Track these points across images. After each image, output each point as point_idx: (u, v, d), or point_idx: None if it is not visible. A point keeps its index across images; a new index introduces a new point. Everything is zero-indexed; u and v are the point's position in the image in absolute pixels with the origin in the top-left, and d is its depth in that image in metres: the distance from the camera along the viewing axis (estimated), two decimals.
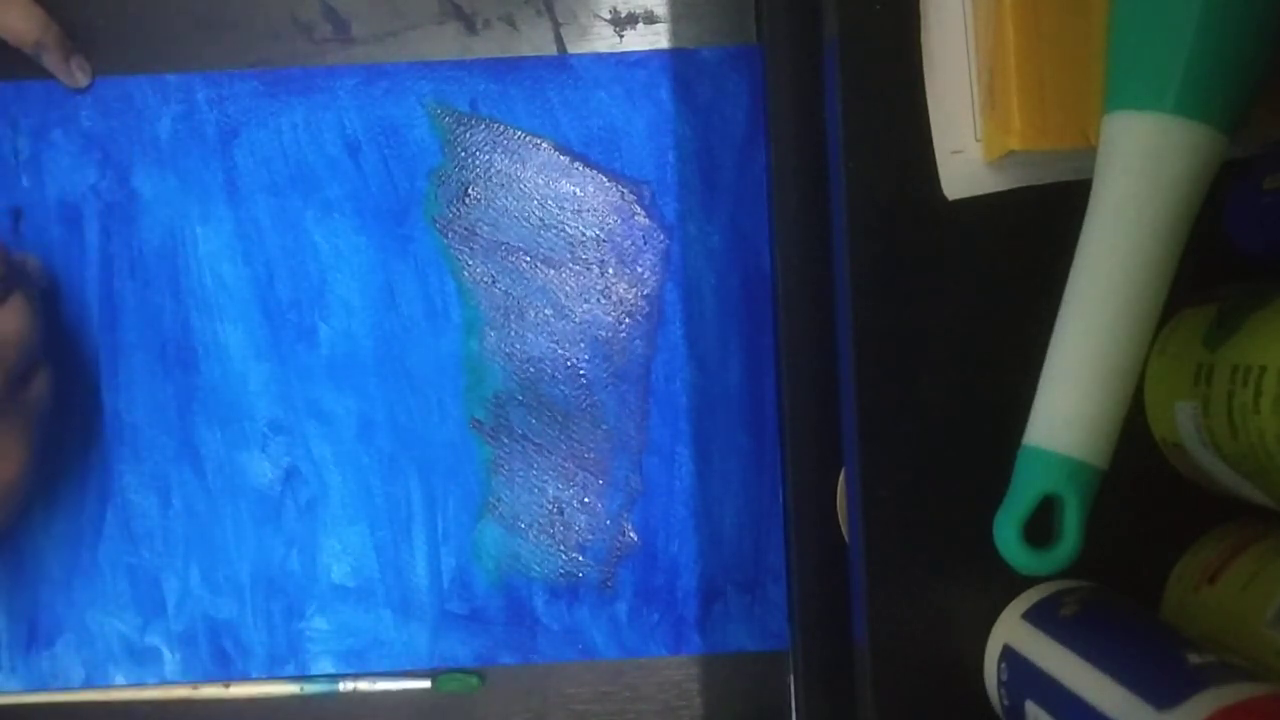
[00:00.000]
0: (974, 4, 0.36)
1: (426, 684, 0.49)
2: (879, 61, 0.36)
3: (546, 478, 0.50)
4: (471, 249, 0.50)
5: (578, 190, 0.50)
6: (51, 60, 0.47)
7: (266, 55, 0.50)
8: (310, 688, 0.49)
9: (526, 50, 0.50)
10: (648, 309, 0.50)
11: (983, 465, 0.34)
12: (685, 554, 0.50)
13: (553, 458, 0.50)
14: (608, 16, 0.50)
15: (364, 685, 0.49)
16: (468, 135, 0.50)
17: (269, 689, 0.49)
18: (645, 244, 0.50)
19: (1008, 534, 0.31)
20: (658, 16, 0.50)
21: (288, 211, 0.50)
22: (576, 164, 0.50)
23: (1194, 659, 0.29)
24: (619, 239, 0.50)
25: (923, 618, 0.36)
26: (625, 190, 0.50)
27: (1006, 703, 0.35)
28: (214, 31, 0.50)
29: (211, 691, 0.49)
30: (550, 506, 0.50)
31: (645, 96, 0.50)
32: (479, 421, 0.50)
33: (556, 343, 0.50)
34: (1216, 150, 0.30)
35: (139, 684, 0.49)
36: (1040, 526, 0.31)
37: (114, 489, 0.49)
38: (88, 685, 0.49)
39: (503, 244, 0.50)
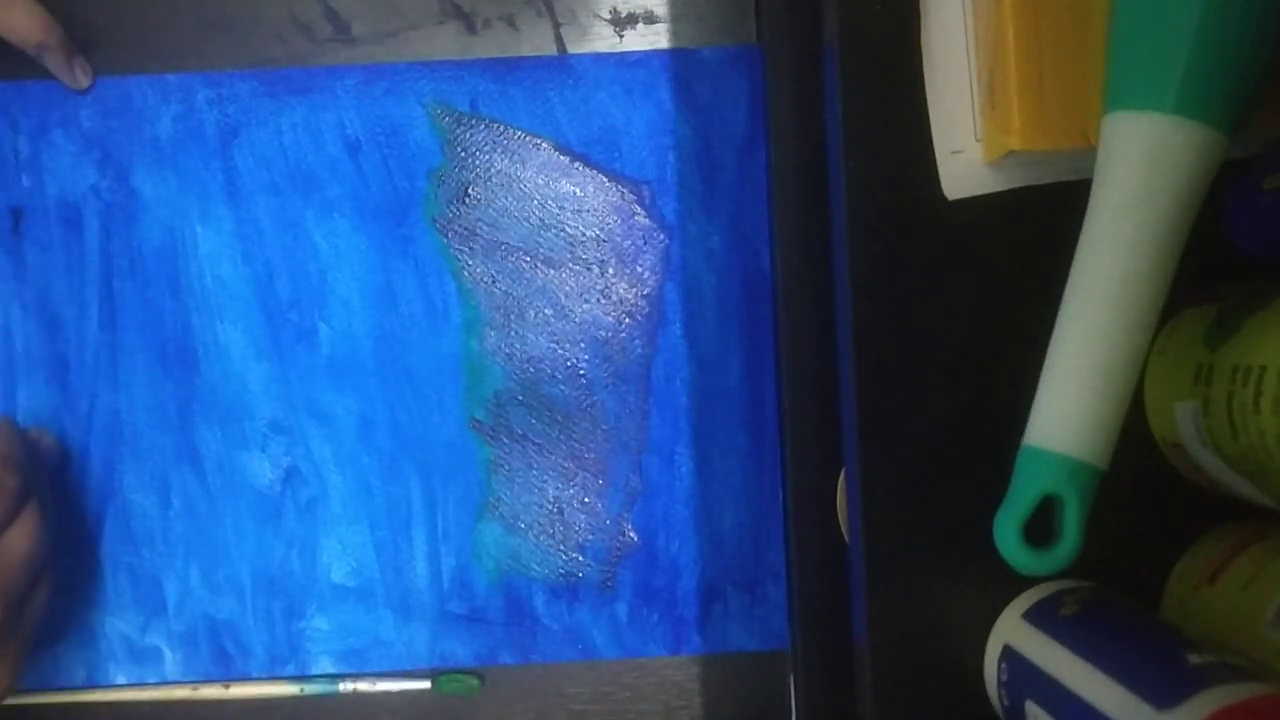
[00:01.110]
0: (974, 4, 0.36)
1: (426, 685, 0.49)
2: (879, 61, 0.36)
3: (546, 478, 0.50)
4: (471, 249, 0.50)
5: (578, 190, 0.50)
6: (53, 61, 0.47)
7: (266, 55, 0.50)
8: (310, 688, 0.49)
9: (526, 50, 0.50)
10: (648, 309, 0.50)
11: (983, 465, 0.34)
12: (685, 554, 0.50)
13: (553, 458, 0.50)
14: (608, 16, 0.50)
15: (364, 686, 0.49)
16: (468, 135, 0.50)
17: (269, 689, 0.49)
18: (645, 244, 0.50)
19: (1008, 534, 0.31)
20: (658, 16, 0.50)
21: (288, 211, 0.50)
22: (576, 164, 0.50)
23: (1194, 659, 0.29)
24: (619, 239, 0.50)
25: (923, 618, 0.36)
26: (625, 190, 0.50)
27: (1006, 703, 0.35)
28: (214, 32, 0.50)
29: (211, 692, 0.49)
30: (550, 506, 0.50)
31: (645, 96, 0.50)
32: (479, 421, 0.50)
33: (556, 343, 0.50)
34: (1216, 150, 0.30)
35: (139, 684, 0.49)
36: (1040, 526, 0.31)
37: (114, 489, 0.49)
38: (88, 685, 0.49)
39: (503, 244, 0.50)
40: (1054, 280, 0.32)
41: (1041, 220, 0.36)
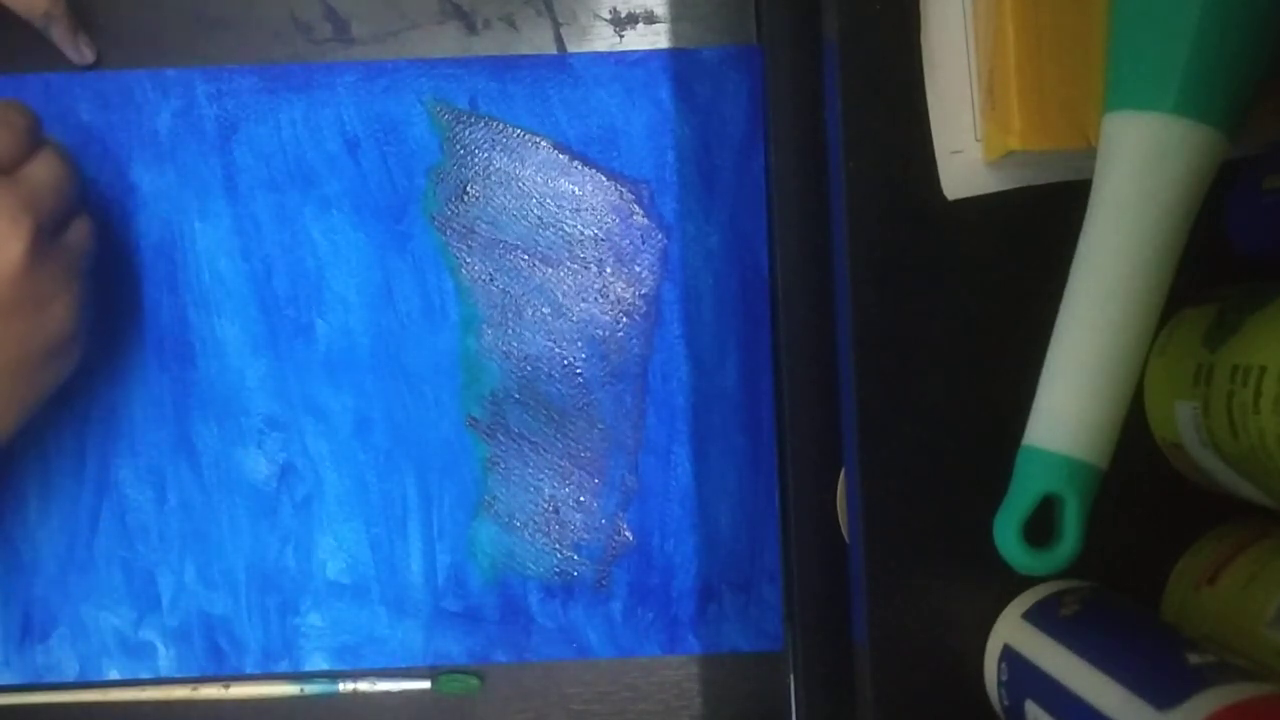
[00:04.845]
0: (974, 4, 0.36)
1: (426, 685, 0.49)
2: (879, 61, 0.36)
3: (542, 476, 0.50)
4: (470, 247, 0.50)
5: (576, 189, 0.50)
6: (59, 32, 0.47)
7: (266, 55, 0.50)
8: (310, 688, 0.49)
9: (526, 50, 0.50)
10: (645, 309, 0.50)
11: (983, 465, 0.34)
12: (680, 554, 0.50)
13: (549, 456, 0.50)
14: (608, 16, 0.50)
15: (364, 686, 0.49)
16: (467, 133, 0.50)
17: (269, 689, 0.49)
18: (643, 243, 0.50)
19: (1008, 534, 0.31)
20: (658, 16, 0.50)
21: (286, 207, 0.49)
22: (575, 163, 0.50)
23: (1194, 659, 0.29)
24: (617, 238, 0.50)
25: (923, 618, 0.36)
26: (624, 190, 0.50)
27: (1006, 703, 0.35)
28: (214, 31, 0.50)
29: (211, 692, 0.49)
30: (546, 505, 0.50)
31: (645, 96, 0.50)
32: (475, 419, 0.50)
33: (554, 341, 0.50)
34: (1216, 150, 0.30)
35: (139, 684, 0.49)
36: (1040, 526, 0.31)
37: (110, 483, 0.49)
38: (81, 679, 0.49)
39: (501, 242, 0.50)
40: (1054, 280, 0.32)
41: (1041, 220, 0.36)
